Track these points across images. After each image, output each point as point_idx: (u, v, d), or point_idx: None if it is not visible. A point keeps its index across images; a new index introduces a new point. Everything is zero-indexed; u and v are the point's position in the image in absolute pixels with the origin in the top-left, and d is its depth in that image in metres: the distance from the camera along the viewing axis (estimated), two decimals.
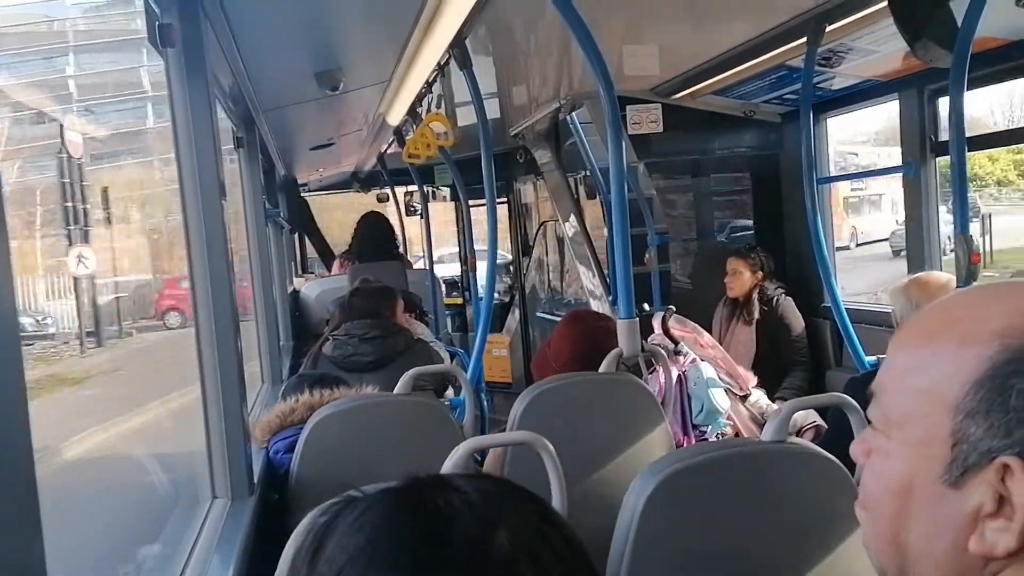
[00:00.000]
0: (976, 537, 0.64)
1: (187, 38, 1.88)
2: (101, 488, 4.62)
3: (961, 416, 0.64)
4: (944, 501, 0.65)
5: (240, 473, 1.97)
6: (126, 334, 9.61)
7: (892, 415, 0.70)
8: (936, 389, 0.66)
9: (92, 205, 7.18)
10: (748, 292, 4.23)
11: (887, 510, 0.70)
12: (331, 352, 3.16)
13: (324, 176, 7.63)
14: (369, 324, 3.17)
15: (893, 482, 0.69)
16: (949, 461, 0.65)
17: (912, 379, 0.69)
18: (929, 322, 0.70)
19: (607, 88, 2.33)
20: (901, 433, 0.69)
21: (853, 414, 1.59)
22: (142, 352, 9.50)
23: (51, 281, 8.98)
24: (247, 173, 3.80)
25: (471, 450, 1.47)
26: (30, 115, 9.65)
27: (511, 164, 6.16)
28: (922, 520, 0.67)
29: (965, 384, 0.65)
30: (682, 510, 1.46)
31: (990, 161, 14.50)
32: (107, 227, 8.74)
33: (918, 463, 0.67)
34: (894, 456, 0.69)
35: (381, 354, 3.11)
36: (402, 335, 3.24)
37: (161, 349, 9.79)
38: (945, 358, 0.67)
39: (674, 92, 4.17)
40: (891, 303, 2.52)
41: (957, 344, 0.66)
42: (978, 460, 0.63)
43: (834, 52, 3.30)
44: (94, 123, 11.97)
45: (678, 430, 3.05)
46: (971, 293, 0.74)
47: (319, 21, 2.70)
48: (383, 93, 3.75)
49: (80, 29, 13.18)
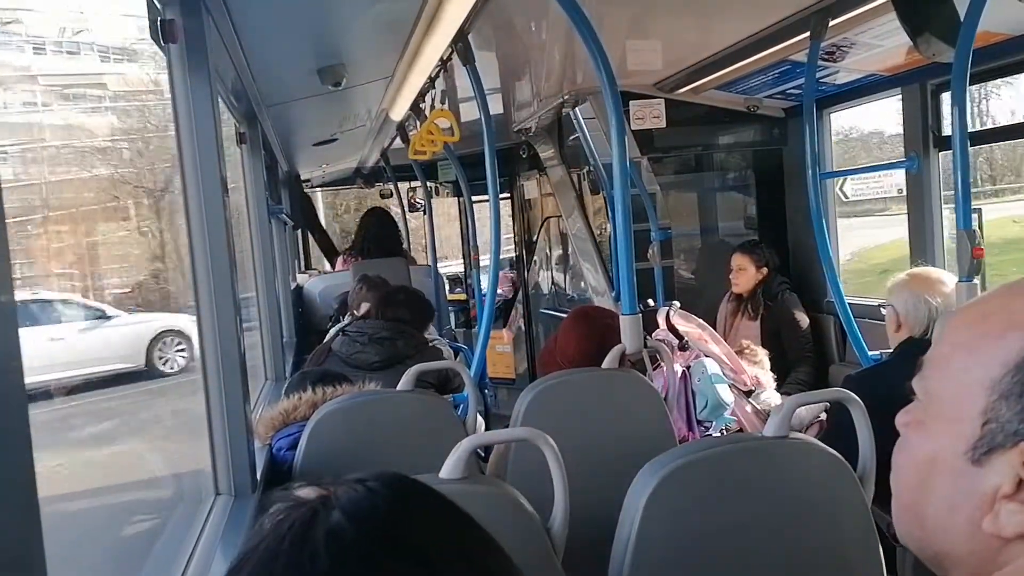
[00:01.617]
0: (991, 517, 0.65)
1: (189, 34, 1.88)
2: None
3: (996, 396, 0.66)
4: (965, 477, 0.67)
5: (243, 470, 1.97)
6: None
7: (933, 388, 0.72)
8: (976, 368, 0.68)
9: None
10: (753, 288, 4.22)
11: (911, 480, 0.72)
12: (338, 348, 3.17)
13: (327, 172, 7.64)
14: (382, 325, 3.18)
15: (920, 452, 0.71)
16: (977, 439, 0.66)
17: (958, 356, 0.70)
18: (987, 304, 0.72)
19: (610, 83, 2.33)
20: (938, 407, 0.71)
21: (855, 409, 1.59)
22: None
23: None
24: (250, 169, 3.81)
25: (474, 446, 1.48)
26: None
27: (514, 160, 6.16)
28: (942, 493, 0.69)
29: (1005, 365, 0.66)
30: (685, 505, 1.46)
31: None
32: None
33: (947, 437, 0.69)
34: (927, 428, 0.71)
35: (388, 355, 3.11)
36: (412, 339, 3.23)
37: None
38: (991, 339, 0.68)
39: (677, 87, 4.16)
40: (891, 299, 2.51)
41: (1005, 327, 0.68)
42: (1003, 441, 0.65)
43: (837, 47, 3.29)
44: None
45: (682, 425, 3.05)
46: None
47: (322, 16, 2.70)
48: (386, 88, 3.75)
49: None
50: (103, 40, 11.39)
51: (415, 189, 7.17)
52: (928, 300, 2.43)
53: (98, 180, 8.02)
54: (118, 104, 9.53)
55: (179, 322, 6.67)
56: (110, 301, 6.81)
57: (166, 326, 6.97)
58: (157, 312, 7.09)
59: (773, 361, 3.62)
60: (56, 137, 7.11)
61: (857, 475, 1.53)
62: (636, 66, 3.32)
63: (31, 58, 10.00)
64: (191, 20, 1.88)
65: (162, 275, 7.26)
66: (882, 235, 7.32)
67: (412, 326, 3.29)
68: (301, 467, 2.16)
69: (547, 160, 5.40)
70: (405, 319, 3.26)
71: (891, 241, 6.10)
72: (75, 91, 9.81)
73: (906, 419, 0.75)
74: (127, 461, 3.64)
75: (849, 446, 1.57)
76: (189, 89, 1.89)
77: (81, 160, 7.69)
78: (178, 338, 6.81)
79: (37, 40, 10.14)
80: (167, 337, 6.97)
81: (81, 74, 11.14)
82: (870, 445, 1.56)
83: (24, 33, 9.73)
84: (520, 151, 5.95)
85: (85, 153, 7.99)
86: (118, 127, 9.80)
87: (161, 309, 7.12)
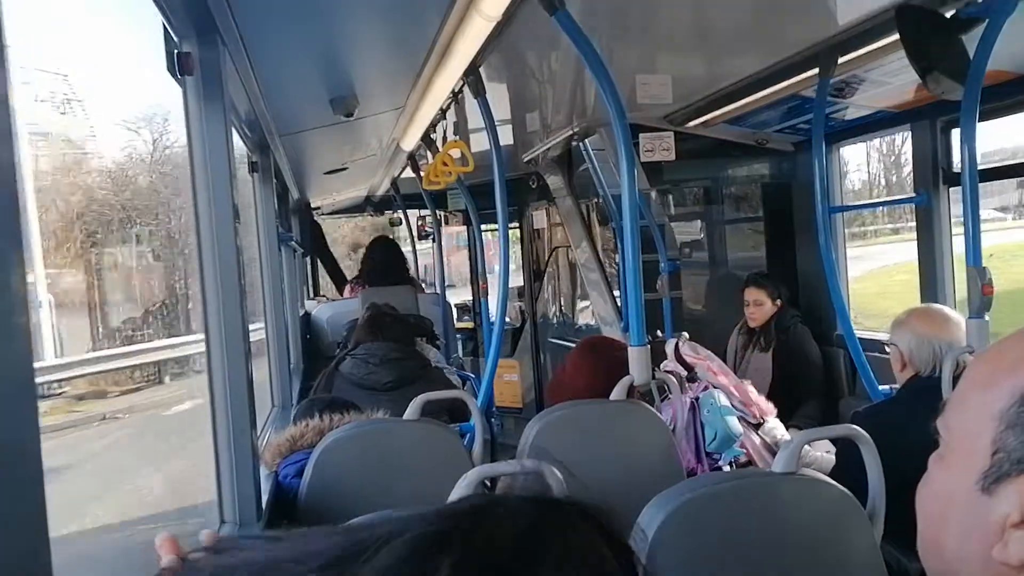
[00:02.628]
0: (1000, 545, 0.66)
1: (205, 66, 1.91)
2: None
3: (1004, 426, 0.67)
4: (976, 506, 0.68)
5: (248, 500, 1.97)
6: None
7: (951, 423, 0.73)
8: (989, 401, 0.69)
9: None
10: (767, 321, 4.21)
11: (932, 512, 0.73)
12: (349, 370, 3.19)
13: (337, 200, 7.68)
14: (391, 347, 3.22)
15: (939, 485, 0.73)
16: (987, 468, 0.67)
17: (974, 392, 0.72)
18: (1005, 343, 0.73)
19: (619, 116, 2.35)
20: (955, 441, 0.72)
21: (864, 445, 1.58)
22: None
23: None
24: (261, 197, 3.84)
25: (480, 478, 1.48)
26: None
27: (524, 190, 6.19)
28: (957, 524, 0.70)
29: (1013, 396, 0.67)
30: (692, 540, 1.45)
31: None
32: None
33: (962, 469, 0.70)
34: (946, 461, 0.73)
35: (399, 375, 3.15)
36: (418, 358, 3.30)
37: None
38: (1003, 373, 0.69)
39: (687, 120, 4.19)
40: (895, 338, 2.48)
41: (1018, 361, 0.69)
42: (1010, 470, 0.66)
43: (846, 83, 3.31)
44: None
45: (691, 457, 3.03)
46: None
47: (335, 48, 2.74)
48: (397, 119, 3.79)
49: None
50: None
51: (424, 217, 7.21)
52: (932, 339, 2.40)
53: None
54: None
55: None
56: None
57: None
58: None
59: (783, 394, 3.59)
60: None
61: (866, 512, 1.52)
62: (646, 100, 3.33)
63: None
64: (207, 53, 1.91)
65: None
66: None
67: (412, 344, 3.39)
68: (306, 495, 2.15)
69: (556, 190, 5.43)
70: (400, 338, 3.32)
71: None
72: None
73: (934, 456, 0.77)
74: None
75: (858, 482, 1.56)
76: (203, 119, 1.92)
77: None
78: None
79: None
80: None
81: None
82: (879, 481, 1.55)
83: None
84: (530, 181, 5.99)
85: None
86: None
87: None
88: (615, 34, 2.81)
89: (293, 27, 2.34)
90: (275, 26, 2.30)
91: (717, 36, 3.08)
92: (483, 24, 2.23)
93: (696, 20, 2.95)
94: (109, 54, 14.35)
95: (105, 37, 14.01)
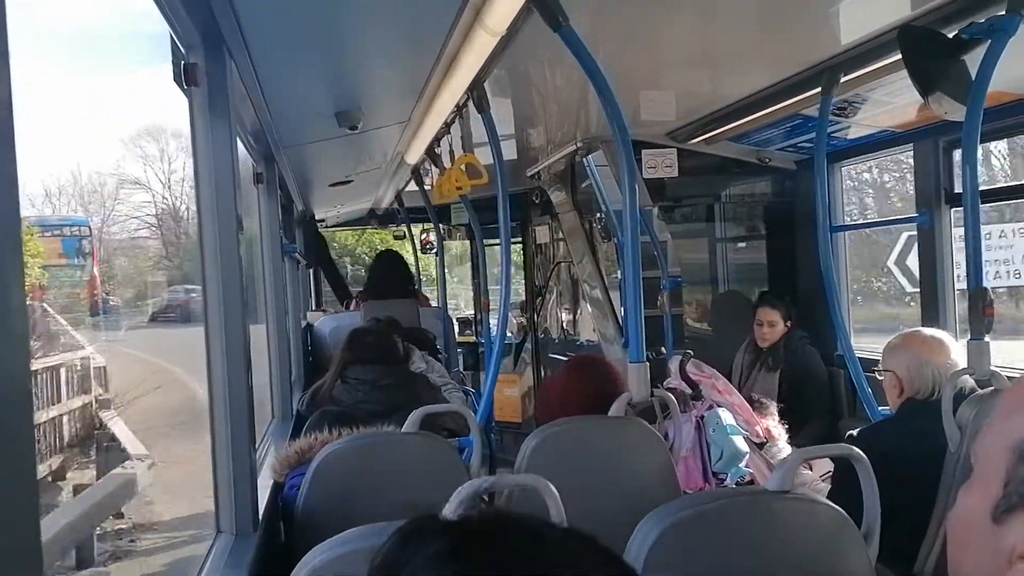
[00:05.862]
0: (1010, 575, 0.66)
1: (212, 77, 1.92)
2: None
3: (1016, 458, 0.68)
4: (990, 536, 0.69)
5: (245, 509, 1.97)
6: None
7: (978, 451, 0.75)
8: (1008, 432, 0.70)
9: None
10: (778, 340, 4.19)
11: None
12: (341, 395, 3.02)
13: (342, 212, 7.70)
14: (384, 371, 3.01)
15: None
16: (999, 499, 0.69)
17: (998, 422, 0.73)
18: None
19: (622, 132, 2.36)
20: (979, 467, 0.74)
21: (860, 465, 1.58)
22: None
23: None
24: (265, 209, 3.85)
25: (475, 491, 1.47)
26: None
27: (526, 205, 6.20)
28: (975, 551, 0.71)
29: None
30: (686, 556, 1.45)
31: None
32: None
33: (980, 498, 0.71)
34: (970, 488, 0.74)
35: (393, 403, 2.91)
36: (416, 382, 3.12)
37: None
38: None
39: (690, 137, 4.20)
40: (889, 363, 2.45)
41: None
42: (1019, 501, 0.67)
43: (849, 102, 3.32)
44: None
45: (698, 476, 3.01)
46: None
47: (341, 62, 2.76)
48: (402, 133, 3.81)
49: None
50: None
51: (427, 231, 7.22)
52: (931, 363, 2.38)
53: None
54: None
55: None
56: None
57: None
58: None
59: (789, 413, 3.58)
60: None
61: (862, 532, 1.52)
62: (649, 116, 3.36)
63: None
64: (214, 64, 1.92)
65: None
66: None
67: (398, 352, 3.14)
68: (304, 506, 2.15)
69: (559, 206, 5.44)
70: (383, 359, 3.06)
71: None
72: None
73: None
74: None
75: (854, 502, 1.56)
76: (209, 130, 1.93)
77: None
78: None
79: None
80: None
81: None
82: (875, 502, 1.55)
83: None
84: (532, 196, 6.00)
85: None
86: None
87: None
88: (619, 51, 2.83)
89: (299, 39, 2.36)
90: (281, 38, 2.32)
91: (721, 54, 3.10)
92: (488, 39, 2.25)
93: (700, 38, 2.97)
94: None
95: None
